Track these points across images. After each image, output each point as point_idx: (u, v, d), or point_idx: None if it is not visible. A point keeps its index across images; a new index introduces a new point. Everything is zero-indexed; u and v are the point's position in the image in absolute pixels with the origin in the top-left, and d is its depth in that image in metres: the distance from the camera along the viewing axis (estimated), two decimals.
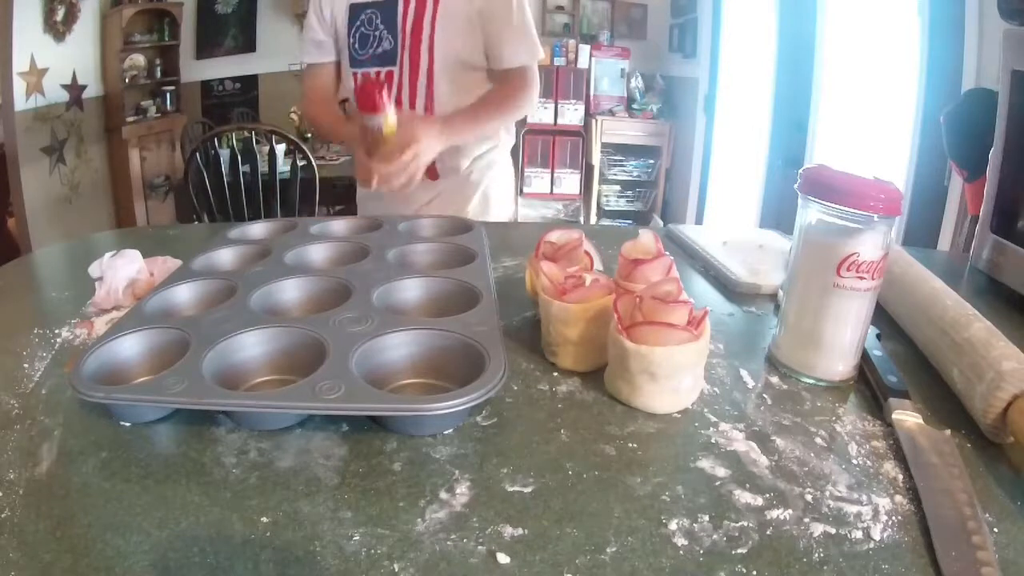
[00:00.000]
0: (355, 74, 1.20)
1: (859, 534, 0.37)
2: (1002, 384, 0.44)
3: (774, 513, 0.38)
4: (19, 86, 2.94)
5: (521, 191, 3.93)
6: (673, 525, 0.37)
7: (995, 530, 0.37)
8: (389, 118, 0.88)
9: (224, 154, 2.39)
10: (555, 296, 0.53)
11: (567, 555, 0.35)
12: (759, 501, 0.39)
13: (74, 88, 3.36)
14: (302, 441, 0.43)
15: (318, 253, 0.72)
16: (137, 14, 3.69)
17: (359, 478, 0.40)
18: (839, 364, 0.53)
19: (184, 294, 0.61)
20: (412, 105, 1.17)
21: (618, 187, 4.23)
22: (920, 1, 2.06)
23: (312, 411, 0.44)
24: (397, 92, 1.18)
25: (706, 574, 0.34)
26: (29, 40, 2.98)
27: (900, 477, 0.42)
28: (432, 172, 1.17)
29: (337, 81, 1.26)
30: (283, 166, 2.47)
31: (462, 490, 0.39)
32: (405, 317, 0.56)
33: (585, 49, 3.84)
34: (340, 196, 2.83)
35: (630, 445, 0.44)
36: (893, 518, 0.38)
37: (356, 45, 1.18)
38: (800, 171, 0.53)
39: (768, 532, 0.37)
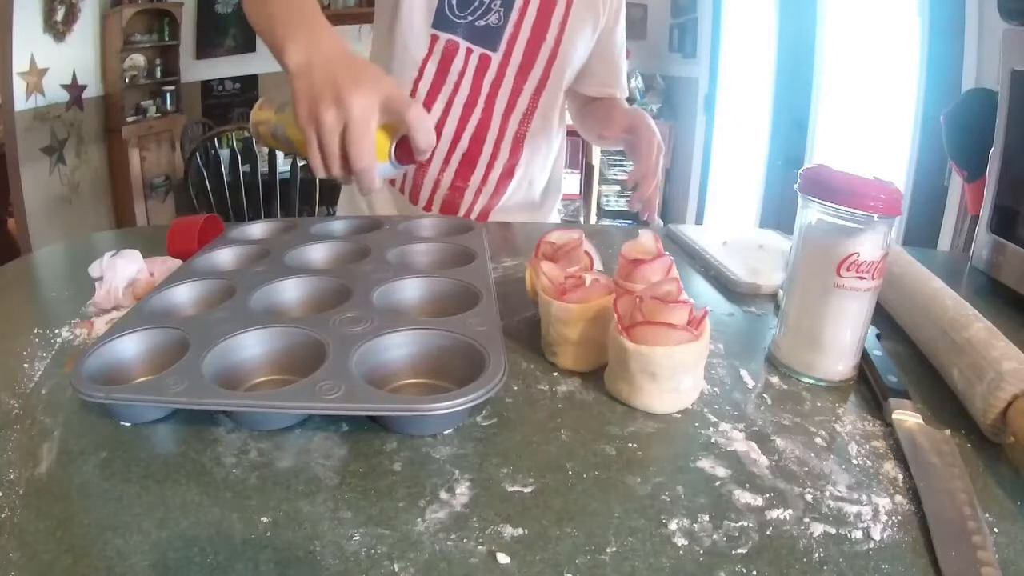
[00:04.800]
0: (434, 38, 0.85)
1: (859, 534, 0.37)
2: (1002, 384, 0.44)
3: (774, 513, 0.38)
4: (19, 86, 2.94)
5: None
6: (673, 525, 0.37)
7: (995, 530, 0.37)
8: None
9: (224, 154, 2.39)
10: (555, 296, 0.53)
11: (567, 555, 0.35)
12: (759, 501, 0.39)
13: (74, 88, 3.36)
14: (302, 441, 0.43)
15: (318, 253, 0.72)
16: (137, 14, 3.69)
17: (359, 478, 0.40)
18: (839, 364, 0.53)
19: (184, 294, 0.61)
20: (487, 123, 0.88)
21: (618, 187, 4.22)
22: (920, 1, 2.06)
23: (312, 411, 0.44)
24: (488, 93, 0.87)
25: (706, 574, 0.34)
26: (29, 40, 2.98)
27: (900, 477, 0.42)
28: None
29: (386, 41, 0.86)
30: (283, 166, 2.47)
31: (462, 490, 0.39)
32: (405, 317, 0.56)
33: None
34: (340, 196, 2.83)
35: (630, 445, 0.44)
36: (893, 518, 0.38)
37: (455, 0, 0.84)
38: (800, 171, 0.53)
39: (768, 532, 0.37)
